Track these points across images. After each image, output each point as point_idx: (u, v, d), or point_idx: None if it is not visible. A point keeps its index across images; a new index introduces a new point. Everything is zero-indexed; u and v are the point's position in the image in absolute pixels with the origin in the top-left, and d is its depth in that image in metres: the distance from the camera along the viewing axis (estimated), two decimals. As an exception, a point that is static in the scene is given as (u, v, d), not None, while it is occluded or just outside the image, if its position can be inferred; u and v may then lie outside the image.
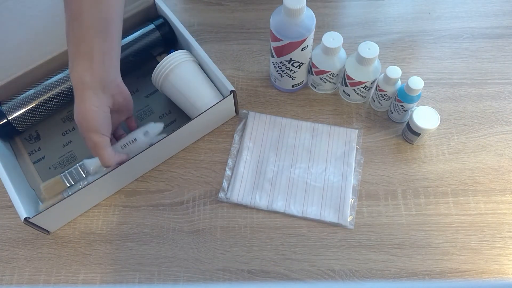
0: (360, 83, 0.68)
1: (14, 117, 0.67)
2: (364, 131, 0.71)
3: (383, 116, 0.72)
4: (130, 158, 0.62)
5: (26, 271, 0.63)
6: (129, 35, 0.72)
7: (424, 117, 0.65)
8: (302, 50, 0.64)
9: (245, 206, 0.66)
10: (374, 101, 0.71)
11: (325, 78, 0.70)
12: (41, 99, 0.68)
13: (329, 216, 0.64)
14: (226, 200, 0.66)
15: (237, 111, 0.72)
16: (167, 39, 0.74)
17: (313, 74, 0.71)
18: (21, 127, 0.68)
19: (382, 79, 0.67)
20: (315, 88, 0.74)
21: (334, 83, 0.72)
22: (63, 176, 0.64)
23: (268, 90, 0.75)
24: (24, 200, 0.60)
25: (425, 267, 0.61)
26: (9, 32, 0.71)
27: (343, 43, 0.65)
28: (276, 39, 0.63)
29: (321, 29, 0.77)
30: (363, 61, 0.65)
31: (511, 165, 0.67)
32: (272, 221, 0.65)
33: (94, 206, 0.67)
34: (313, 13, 0.62)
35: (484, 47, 0.78)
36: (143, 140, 0.64)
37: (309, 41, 0.64)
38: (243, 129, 0.71)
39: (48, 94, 0.68)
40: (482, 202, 0.65)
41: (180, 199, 0.67)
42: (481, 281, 0.60)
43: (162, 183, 0.68)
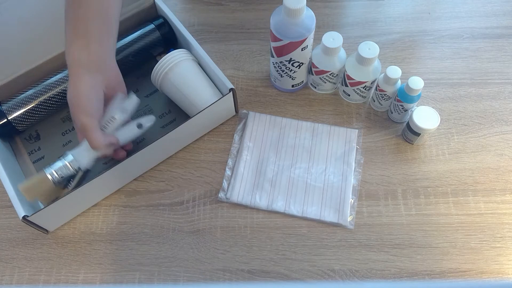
0: (360, 83, 0.68)
1: (14, 117, 0.67)
2: (364, 131, 0.71)
3: (383, 116, 0.72)
4: (131, 149, 0.60)
5: (26, 271, 0.63)
6: (129, 35, 0.72)
7: (424, 117, 0.65)
8: (302, 50, 0.64)
9: (245, 206, 0.66)
10: (374, 101, 0.71)
11: (325, 78, 0.70)
12: (41, 99, 0.68)
13: (329, 216, 0.64)
14: (226, 200, 0.66)
15: (237, 110, 0.72)
16: (167, 39, 0.74)
17: (313, 74, 0.71)
18: (21, 127, 0.68)
19: (382, 79, 0.67)
20: (315, 88, 0.74)
21: (334, 83, 0.72)
22: (50, 174, 0.59)
23: (268, 90, 0.75)
24: (24, 199, 0.60)
25: (425, 267, 0.61)
26: (9, 32, 0.71)
27: (343, 43, 0.65)
28: (276, 39, 0.63)
29: (321, 29, 0.77)
30: (363, 61, 0.65)
31: (511, 165, 0.67)
32: (272, 221, 0.65)
33: (94, 206, 0.67)
34: (313, 13, 0.62)
35: (484, 47, 0.78)
36: (122, 119, 0.60)
37: (309, 41, 0.64)
38: (243, 129, 0.71)
39: (48, 94, 0.68)
40: (482, 202, 0.65)
41: (180, 199, 0.67)
42: (481, 281, 0.60)
43: (162, 183, 0.68)
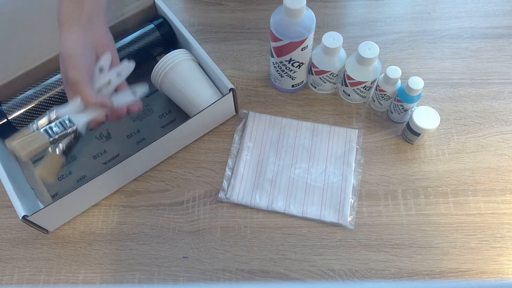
0: (360, 83, 0.68)
1: (14, 117, 0.67)
2: (364, 131, 0.71)
3: (383, 116, 0.72)
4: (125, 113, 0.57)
5: (26, 271, 0.63)
6: (129, 35, 0.72)
7: (424, 117, 0.65)
8: (302, 50, 0.64)
9: (245, 206, 0.66)
10: (374, 101, 0.71)
11: (325, 78, 0.70)
12: (41, 99, 0.68)
13: (329, 216, 0.64)
14: (226, 200, 0.66)
15: (237, 110, 0.72)
16: (167, 39, 0.74)
17: (313, 74, 0.71)
18: (21, 127, 0.68)
19: (382, 79, 0.67)
20: (315, 88, 0.74)
21: (334, 83, 0.72)
22: (44, 131, 0.54)
23: (268, 90, 0.75)
24: (23, 199, 0.60)
25: (425, 267, 0.61)
26: (9, 32, 0.71)
27: (343, 43, 0.65)
28: (276, 39, 0.63)
29: (321, 29, 0.77)
30: (363, 61, 0.65)
31: (511, 165, 0.67)
32: (272, 221, 0.65)
33: (94, 206, 0.67)
34: (313, 13, 0.62)
35: (484, 47, 0.78)
36: (117, 83, 0.58)
37: (309, 41, 0.64)
38: (243, 129, 0.71)
39: (48, 94, 0.68)
40: (482, 202, 0.65)
41: (180, 199, 0.67)
42: (481, 281, 0.60)
43: (162, 183, 0.68)
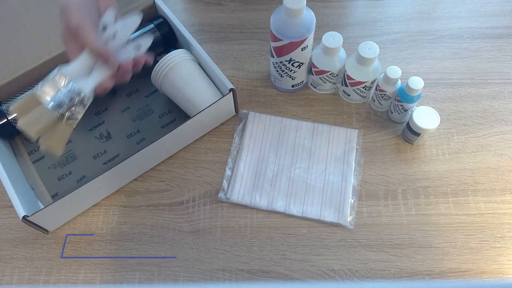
0: (360, 83, 0.68)
1: (14, 117, 0.67)
2: (364, 131, 0.71)
3: (383, 116, 0.72)
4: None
5: (26, 271, 0.63)
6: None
7: (424, 117, 0.65)
8: (302, 50, 0.64)
9: (245, 206, 0.66)
10: (374, 101, 0.71)
11: (325, 78, 0.70)
12: (41, 99, 0.68)
13: (329, 216, 0.64)
14: (226, 200, 0.66)
15: (237, 110, 0.72)
16: (167, 39, 0.74)
17: (313, 74, 0.71)
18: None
19: (382, 79, 0.67)
20: (315, 88, 0.74)
21: (334, 83, 0.72)
22: (52, 107, 0.50)
23: (268, 90, 0.75)
24: (23, 199, 0.60)
25: (425, 267, 0.61)
26: (9, 32, 0.71)
27: (343, 43, 0.65)
28: (276, 39, 0.63)
29: (321, 29, 0.77)
30: (363, 61, 0.65)
31: (511, 165, 0.67)
32: (272, 221, 0.65)
33: (94, 206, 0.67)
34: (313, 13, 0.62)
35: (484, 47, 0.78)
36: (125, 37, 0.55)
37: (309, 41, 0.64)
38: (243, 129, 0.71)
39: (48, 94, 0.68)
40: (482, 202, 0.65)
41: (180, 199, 0.67)
42: (481, 281, 0.60)
43: (162, 183, 0.68)
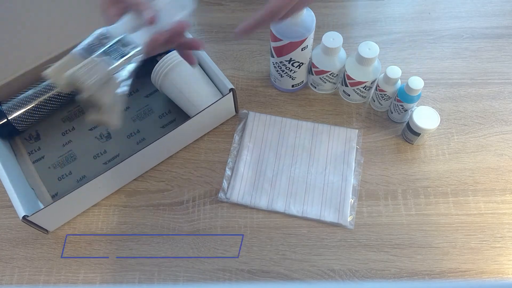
0: (360, 83, 0.68)
1: (14, 117, 0.67)
2: (364, 131, 0.71)
3: (383, 116, 0.72)
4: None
5: (26, 271, 0.63)
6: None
7: (424, 117, 0.65)
8: (302, 50, 0.64)
9: (245, 206, 0.66)
10: (374, 101, 0.71)
11: (325, 78, 0.70)
12: (41, 99, 0.68)
13: (329, 216, 0.64)
14: (226, 200, 0.66)
15: (237, 110, 0.72)
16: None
17: (313, 74, 0.71)
18: (21, 127, 0.68)
19: (382, 79, 0.67)
20: (315, 88, 0.74)
21: (334, 83, 0.72)
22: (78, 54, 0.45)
23: (268, 90, 0.75)
24: (23, 199, 0.60)
25: (425, 267, 0.61)
26: (9, 32, 0.71)
27: (343, 43, 0.65)
28: (276, 39, 0.63)
29: (321, 29, 0.76)
30: (363, 61, 0.65)
31: (511, 165, 0.67)
32: (272, 221, 0.65)
33: (94, 206, 0.67)
34: (313, 13, 0.62)
35: (484, 47, 0.78)
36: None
37: (309, 41, 0.64)
38: (243, 129, 0.71)
39: (48, 94, 0.68)
40: (482, 202, 0.65)
41: (180, 199, 0.67)
42: (481, 281, 0.60)
43: (162, 183, 0.68)
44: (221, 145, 0.71)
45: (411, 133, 0.67)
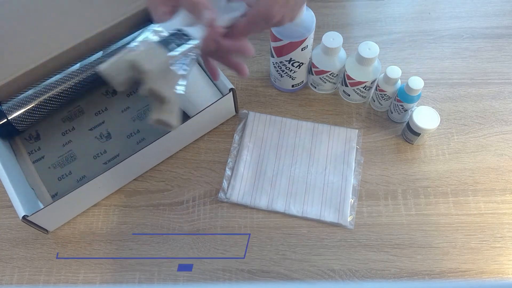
0: (360, 83, 0.68)
1: (14, 117, 0.67)
2: (364, 131, 0.71)
3: (383, 116, 0.72)
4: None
5: (26, 271, 0.63)
6: (129, 35, 0.72)
7: (424, 117, 0.65)
8: (302, 50, 0.64)
9: (245, 206, 0.66)
10: (374, 101, 0.71)
11: (325, 78, 0.70)
12: (41, 99, 0.68)
13: (329, 216, 0.64)
14: (226, 200, 0.66)
15: (237, 110, 0.72)
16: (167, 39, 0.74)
17: (313, 74, 0.71)
18: (21, 127, 0.68)
19: (382, 79, 0.67)
20: (315, 88, 0.74)
21: (334, 83, 0.72)
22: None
23: (268, 90, 0.75)
24: (23, 199, 0.60)
25: (425, 267, 0.61)
26: (9, 32, 0.70)
27: (343, 43, 0.65)
28: (276, 39, 0.63)
29: (321, 29, 0.76)
30: (363, 61, 0.65)
31: (511, 165, 0.67)
32: (272, 221, 0.65)
33: (94, 206, 0.67)
34: (313, 13, 0.62)
35: (484, 47, 0.78)
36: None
37: (309, 41, 0.64)
38: (243, 129, 0.71)
39: (48, 94, 0.68)
40: (482, 202, 0.65)
41: (180, 199, 0.67)
42: (481, 281, 0.60)
43: (162, 183, 0.68)
44: (221, 145, 0.71)
45: (411, 133, 0.67)
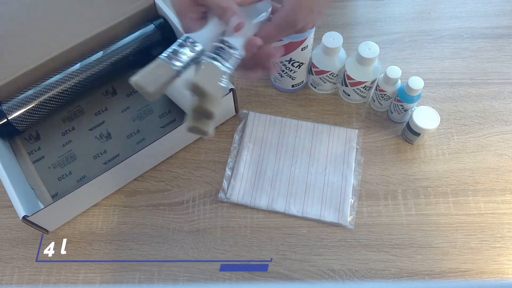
0: (360, 83, 0.68)
1: (14, 117, 0.67)
2: (364, 131, 0.71)
3: (383, 116, 0.72)
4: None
5: (26, 271, 0.62)
6: (129, 35, 0.72)
7: (424, 117, 0.65)
8: (302, 50, 0.64)
9: (245, 206, 0.66)
10: (374, 101, 0.71)
11: (325, 78, 0.70)
12: (41, 99, 0.68)
13: (329, 216, 0.64)
14: (226, 200, 0.66)
15: (237, 110, 0.72)
16: (167, 39, 0.74)
17: (313, 74, 0.71)
18: (21, 127, 0.68)
19: (382, 79, 0.67)
20: (315, 88, 0.74)
21: (334, 83, 0.72)
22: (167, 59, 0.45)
23: (268, 90, 0.75)
24: (23, 199, 0.60)
25: (425, 267, 0.61)
26: (9, 32, 0.71)
27: (343, 43, 0.65)
28: (276, 39, 0.63)
29: (321, 29, 0.76)
30: (363, 61, 0.65)
31: (511, 165, 0.67)
32: (272, 221, 0.65)
33: (94, 206, 0.67)
34: (313, 13, 0.62)
35: (484, 47, 0.78)
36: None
37: (309, 41, 0.64)
38: (243, 129, 0.71)
39: (48, 94, 0.68)
40: (482, 202, 0.65)
41: (180, 199, 0.67)
42: (481, 281, 0.60)
43: (162, 183, 0.68)
44: (221, 145, 0.71)
45: (411, 133, 0.67)
